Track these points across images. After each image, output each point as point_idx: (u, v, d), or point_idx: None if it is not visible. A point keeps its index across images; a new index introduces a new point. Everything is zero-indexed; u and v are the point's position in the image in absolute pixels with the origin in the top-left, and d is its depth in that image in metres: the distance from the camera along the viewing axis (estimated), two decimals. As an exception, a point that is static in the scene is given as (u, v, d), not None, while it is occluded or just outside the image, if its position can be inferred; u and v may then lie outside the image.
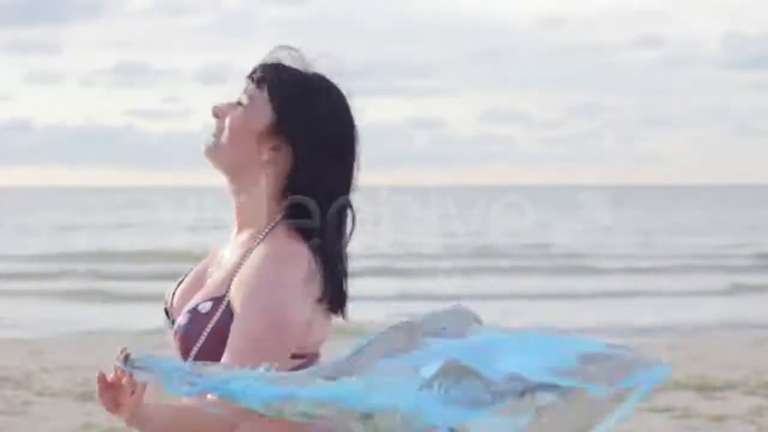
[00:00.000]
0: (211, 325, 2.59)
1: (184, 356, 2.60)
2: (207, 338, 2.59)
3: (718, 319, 18.80)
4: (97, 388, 2.45)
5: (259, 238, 2.66)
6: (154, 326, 15.32)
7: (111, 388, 2.44)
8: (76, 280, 25.97)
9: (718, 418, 9.72)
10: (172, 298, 2.78)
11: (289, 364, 2.58)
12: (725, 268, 29.58)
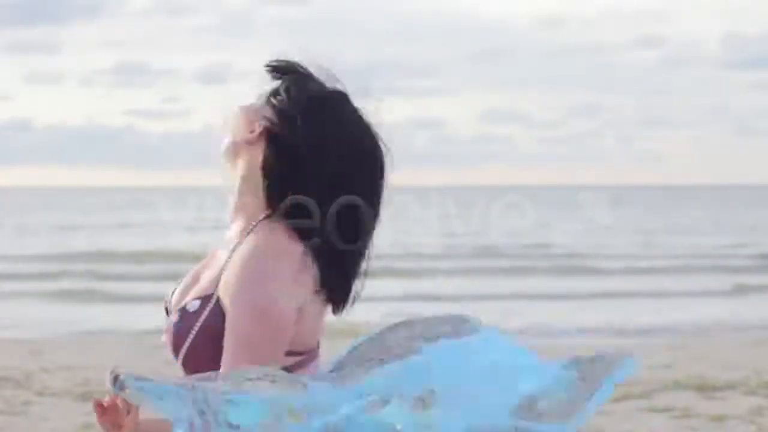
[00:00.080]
0: (199, 323, 2.60)
1: (175, 354, 2.62)
2: (195, 336, 2.60)
3: (719, 319, 18.79)
4: (96, 413, 2.50)
5: (247, 233, 2.67)
6: (154, 326, 15.32)
7: (109, 411, 2.48)
8: (76, 280, 25.96)
9: (718, 418, 9.71)
10: (171, 298, 2.79)
11: (284, 361, 2.58)
12: (725, 269, 29.59)
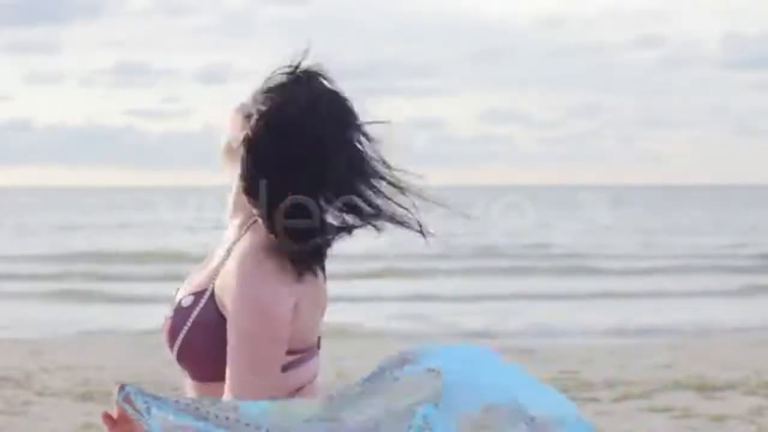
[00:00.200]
0: (192, 318, 2.62)
1: (170, 347, 2.64)
2: (188, 331, 2.62)
3: (719, 319, 18.79)
4: (106, 425, 2.48)
5: (242, 233, 2.68)
6: (154, 326, 15.31)
7: (119, 423, 2.47)
8: (76, 280, 25.96)
9: (718, 418, 9.71)
10: (175, 299, 2.80)
11: (285, 359, 2.60)
12: (725, 269, 29.58)
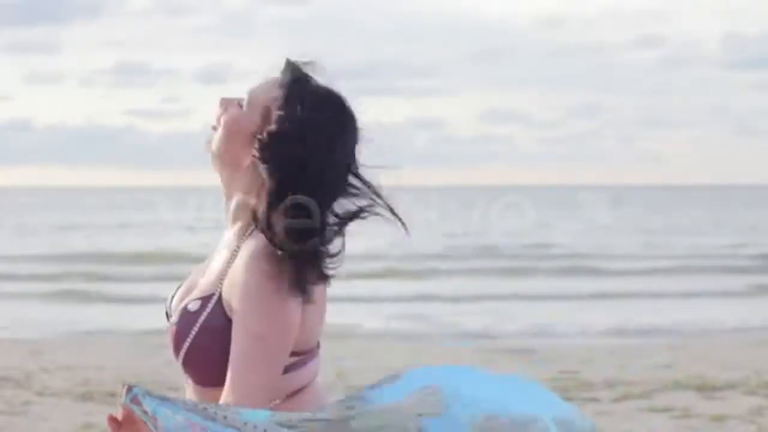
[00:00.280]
0: (200, 323, 2.60)
1: (176, 354, 2.62)
2: (195, 336, 2.60)
3: (719, 319, 18.79)
4: (110, 428, 2.45)
5: (246, 235, 2.66)
6: (154, 326, 15.32)
7: (125, 425, 2.44)
8: (76, 280, 25.96)
9: (718, 418, 9.71)
10: (171, 302, 2.79)
11: (287, 362, 2.59)
12: (726, 269, 29.58)
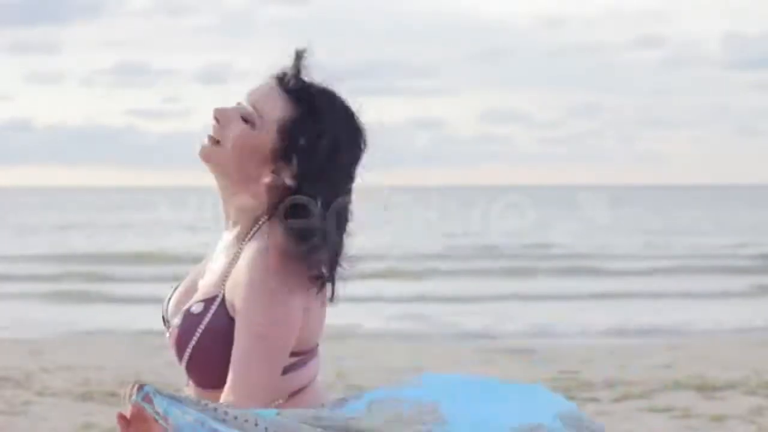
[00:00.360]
0: (203, 325, 2.60)
1: (179, 356, 2.62)
2: (199, 338, 2.60)
3: (719, 319, 18.79)
4: (119, 426, 2.42)
5: (248, 239, 2.66)
6: (154, 326, 15.32)
7: (134, 423, 2.41)
8: (76, 280, 25.97)
9: (718, 418, 9.71)
10: (168, 305, 2.79)
11: (287, 362, 2.59)
12: (726, 269, 29.59)
